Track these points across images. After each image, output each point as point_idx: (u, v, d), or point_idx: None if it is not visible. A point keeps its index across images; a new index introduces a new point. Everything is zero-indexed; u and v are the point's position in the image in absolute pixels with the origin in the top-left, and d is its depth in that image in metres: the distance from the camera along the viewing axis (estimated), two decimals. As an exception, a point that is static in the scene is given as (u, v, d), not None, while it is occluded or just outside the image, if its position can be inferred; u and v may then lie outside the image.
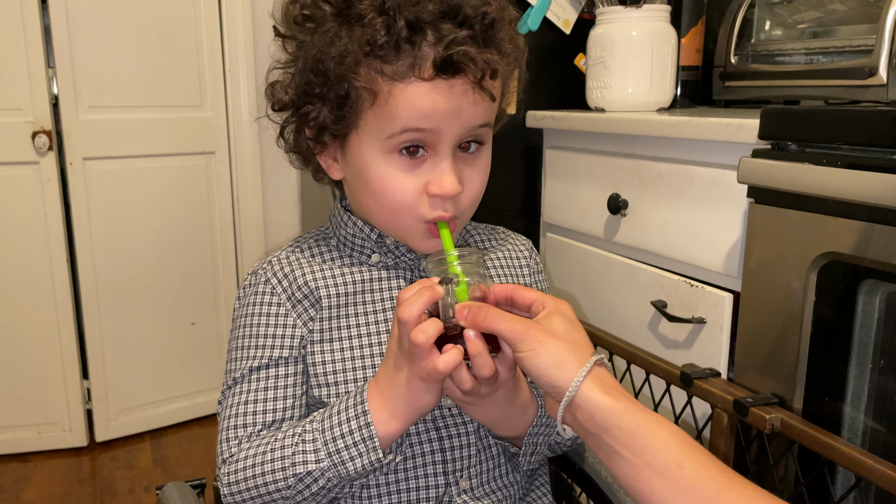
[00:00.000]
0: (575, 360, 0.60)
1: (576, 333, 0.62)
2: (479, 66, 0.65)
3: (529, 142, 1.57)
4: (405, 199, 0.70)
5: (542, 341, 0.60)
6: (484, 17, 0.66)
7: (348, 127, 0.70)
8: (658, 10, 1.38)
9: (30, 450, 2.13)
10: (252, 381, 0.74)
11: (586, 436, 0.61)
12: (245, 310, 0.77)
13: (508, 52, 0.71)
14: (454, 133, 0.68)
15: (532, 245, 0.90)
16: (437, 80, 0.65)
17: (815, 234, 0.89)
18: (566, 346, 0.60)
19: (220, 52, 2.19)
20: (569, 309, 0.65)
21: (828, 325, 0.92)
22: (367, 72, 0.66)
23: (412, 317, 0.61)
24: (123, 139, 2.08)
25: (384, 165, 0.69)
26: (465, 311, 0.63)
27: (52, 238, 2.03)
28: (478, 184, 0.73)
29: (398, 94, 0.66)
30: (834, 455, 0.81)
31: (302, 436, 0.68)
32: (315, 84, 0.69)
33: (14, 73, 1.91)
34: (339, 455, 0.66)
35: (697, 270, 1.15)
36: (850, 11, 1.28)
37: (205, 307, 2.30)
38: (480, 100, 0.68)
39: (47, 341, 2.08)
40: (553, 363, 0.60)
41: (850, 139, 0.85)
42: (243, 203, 2.32)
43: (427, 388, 0.65)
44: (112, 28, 2.01)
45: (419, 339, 0.61)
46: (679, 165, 1.17)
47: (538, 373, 0.60)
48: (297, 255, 0.79)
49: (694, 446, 0.57)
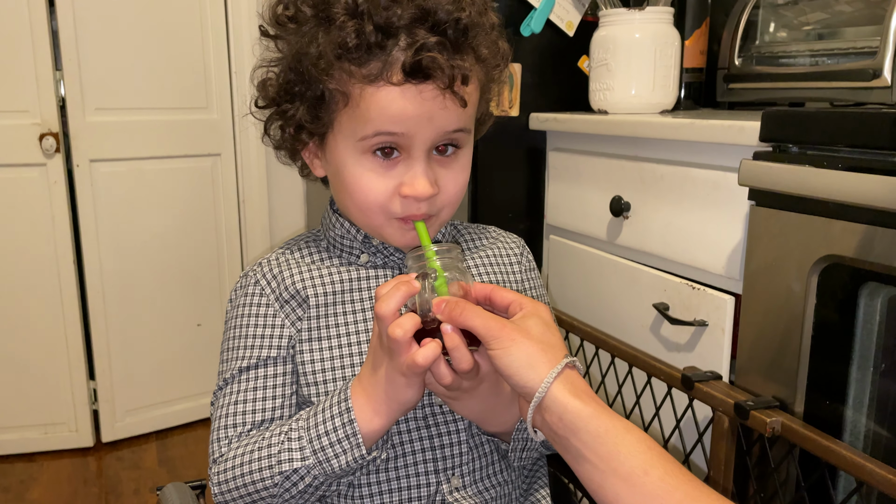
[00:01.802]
0: (546, 361, 0.60)
1: (550, 335, 0.62)
2: (448, 73, 0.66)
3: (533, 144, 1.57)
4: (377, 199, 0.71)
5: (515, 340, 0.60)
6: (457, 22, 0.67)
7: (324, 127, 0.72)
8: (661, 12, 1.38)
9: (36, 450, 2.14)
10: (242, 382, 0.75)
11: (555, 438, 0.61)
12: (235, 311, 0.79)
13: (486, 58, 0.72)
14: (427, 137, 0.69)
15: (523, 243, 0.90)
16: (407, 84, 0.66)
17: (816, 236, 0.89)
18: (538, 346, 0.60)
19: (226, 54, 2.20)
20: (546, 311, 0.65)
21: (829, 328, 0.92)
22: (340, 74, 0.68)
23: (389, 311, 0.62)
24: (130, 141, 2.09)
25: (358, 166, 0.71)
26: (443, 306, 0.63)
27: (59, 239, 2.04)
28: (454, 186, 0.74)
29: (369, 98, 0.67)
30: (835, 459, 0.81)
31: (288, 434, 0.69)
32: (294, 83, 0.71)
33: (22, 75, 1.93)
34: (323, 452, 0.67)
35: (699, 273, 1.15)
36: (855, 13, 1.28)
37: (210, 308, 2.31)
38: (452, 105, 0.68)
39: (54, 342, 2.10)
40: (524, 363, 0.60)
41: (852, 141, 0.85)
42: (249, 205, 2.33)
43: (408, 383, 0.65)
44: (119, 31, 2.02)
45: (397, 333, 0.61)
46: (681, 168, 1.16)
47: (509, 372, 0.60)
48: (287, 257, 0.80)
49: (661, 454, 0.57)
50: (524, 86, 1.55)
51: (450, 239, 0.85)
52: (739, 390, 0.98)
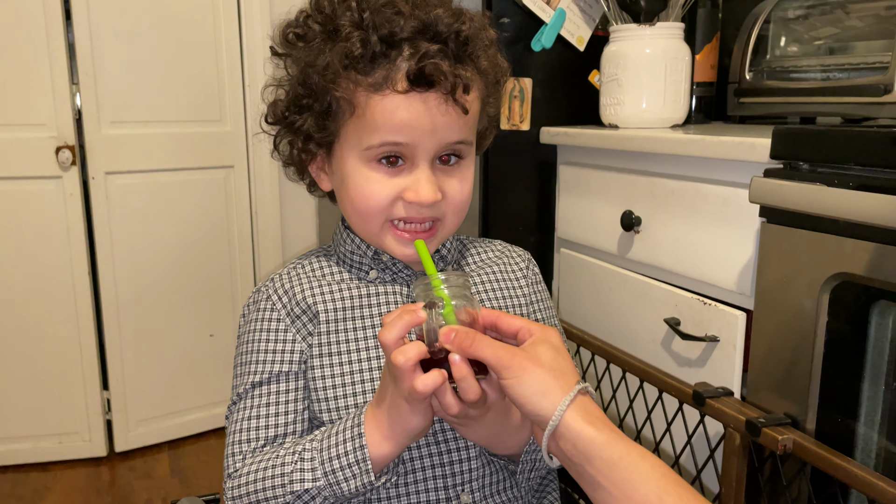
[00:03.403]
0: (559, 388, 0.60)
1: (561, 361, 0.62)
2: (450, 80, 0.68)
3: (543, 158, 1.58)
4: (379, 203, 0.73)
5: (527, 369, 0.60)
6: (458, 34, 0.70)
7: (331, 136, 0.74)
8: (672, 27, 1.38)
9: (50, 459, 2.16)
10: (255, 397, 0.77)
11: (569, 465, 0.61)
12: (248, 326, 0.80)
13: (485, 70, 0.74)
14: (430, 146, 0.71)
15: (529, 256, 0.91)
16: (412, 92, 0.69)
17: (827, 254, 0.89)
18: (550, 374, 0.60)
19: (240, 67, 2.22)
20: (556, 336, 0.64)
21: (841, 345, 0.92)
22: (347, 84, 0.71)
23: (391, 339, 0.62)
24: (144, 154, 2.12)
25: (363, 174, 0.73)
26: (452, 336, 0.63)
27: (74, 250, 2.06)
28: (459, 194, 0.76)
29: (375, 106, 0.70)
30: (847, 477, 0.81)
31: (301, 454, 0.70)
32: (302, 96, 0.74)
33: (39, 89, 1.95)
34: (334, 475, 0.68)
35: (710, 288, 1.15)
36: (866, 28, 1.28)
37: (223, 319, 2.32)
38: (455, 114, 0.71)
39: (69, 352, 2.12)
40: (537, 391, 0.60)
41: (862, 160, 0.85)
42: (261, 216, 2.34)
43: (412, 410, 0.65)
44: (134, 44, 2.04)
45: (398, 360, 0.61)
46: (692, 183, 1.17)
47: (522, 400, 0.60)
48: (298, 272, 0.81)
49: (676, 481, 0.57)
50: (535, 100, 1.56)
51: (455, 253, 0.86)
52: (751, 407, 0.98)
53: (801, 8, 1.39)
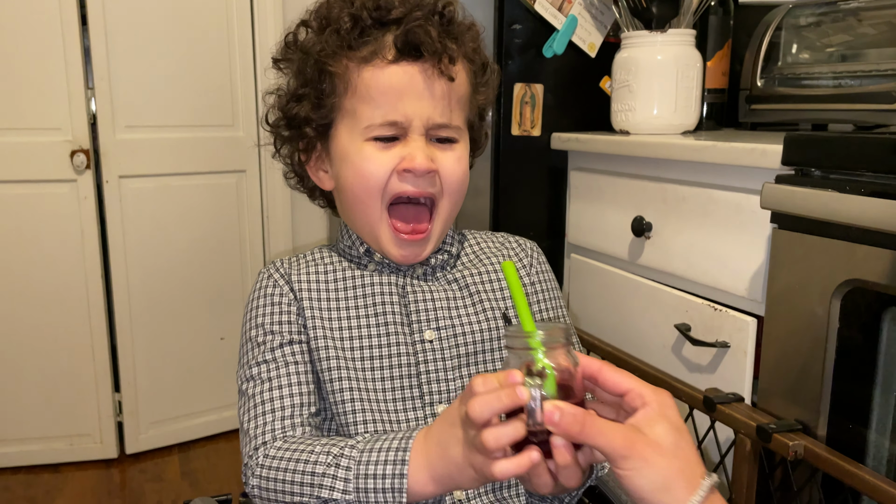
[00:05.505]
0: (685, 484, 0.53)
1: (684, 446, 0.55)
2: (436, 46, 0.73)
3: (554, 163, 1.59)
4: (378, 180, 0.76)
5: (648, 460, 0.53)
6: (443, 11, 0.76)
7: (328, 117, 0.78)
8: (683, 34, 1.39)
9: (62, 461, 2.17)
10: (271, 369, 0.78)
11: None
12: (253, 303, 0.83)
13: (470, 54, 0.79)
14: (423, 116, 0.75)
15: (534, 246, 0.91)
16: (402, 62, 0.74)
17: (838, 261, 0.89)
18: (675, 465, 0.53)
19: (252, 73, 2.24)
20: (673, 408, 0.56)
21: (852, 351, 0.92)
22: (339, 60, 0.75)
23: (482, 419, 0.56)
24: (158, 158, 2.13)
25: (362, 153, 0.76)
26: (556, 417, 0.54)
27: (88, 254, 2.08)
28: (453, 171, 0.78)
29: (368, 78, 0.74)
30: (858, 484, 0.81)
31: (338, 460, 0.68)
32: (300, 86, 0.79)
33: (55, 93, 1.97)
34: (365, 494, 0.66)
35: (721, 294, 1.15)
36: (878, 35, 1.28)
37: (234, 322, 2.33)
38: (444, 86, 0.75)
39: (81, 354, 2.13)
40: (660, 486, 0.53)
41: (874, 166, 0.85)
42: (273, 221, 2.36)
43: (476, 479, 0.60)
44: (149, 50, 2.06)
45: (489, 442, 0.55)
46: (703, 189, 1.17)
47: (640, 494, 0.53)
48: (298, 257, 0.86)
49: None
50: (546, 106, 1.57)
51: (458, 245, 0.87)
52: (762, 413, 0.98)
53: (814, 15, 1.39)
